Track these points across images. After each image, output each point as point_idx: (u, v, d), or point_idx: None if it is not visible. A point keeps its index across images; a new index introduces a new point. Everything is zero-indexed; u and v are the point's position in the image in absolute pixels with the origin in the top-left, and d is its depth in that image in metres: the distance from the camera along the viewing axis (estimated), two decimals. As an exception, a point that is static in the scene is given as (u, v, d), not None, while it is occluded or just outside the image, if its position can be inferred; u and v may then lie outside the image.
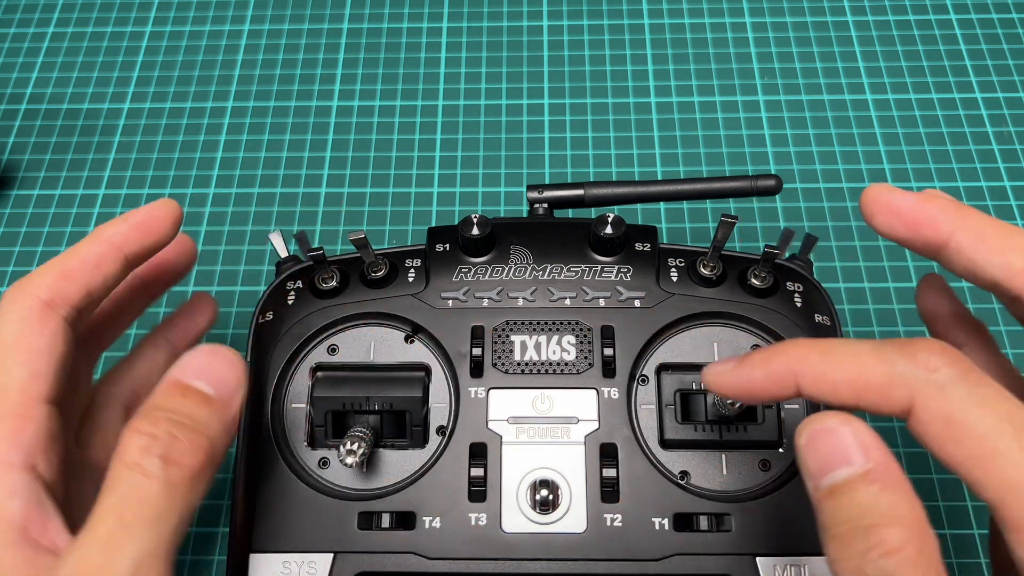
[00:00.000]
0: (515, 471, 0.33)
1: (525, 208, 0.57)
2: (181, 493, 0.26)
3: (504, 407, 0.34)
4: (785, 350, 0.28)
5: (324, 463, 0.34)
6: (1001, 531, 0.24)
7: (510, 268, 0.36)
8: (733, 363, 0.29)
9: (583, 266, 0.36)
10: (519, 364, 0.35)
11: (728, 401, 0.32)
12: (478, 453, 0.33)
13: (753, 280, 0.35)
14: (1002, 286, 0.29)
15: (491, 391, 0.34)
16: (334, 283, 0.36)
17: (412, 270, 0.36)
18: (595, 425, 0.34)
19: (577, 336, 0.35)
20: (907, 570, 0.22)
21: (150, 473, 0.26)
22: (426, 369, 0.35)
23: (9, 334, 0.30)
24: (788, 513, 0.32)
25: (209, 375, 0.29)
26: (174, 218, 0.34)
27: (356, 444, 0.32)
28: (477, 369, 0.35)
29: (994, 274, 0.29)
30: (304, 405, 0.34)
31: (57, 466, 0.30)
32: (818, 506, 0.25)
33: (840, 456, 0.24)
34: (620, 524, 0.32)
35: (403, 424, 0.34)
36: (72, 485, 0.32)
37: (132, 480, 0.26)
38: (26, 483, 0.28)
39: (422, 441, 0.34)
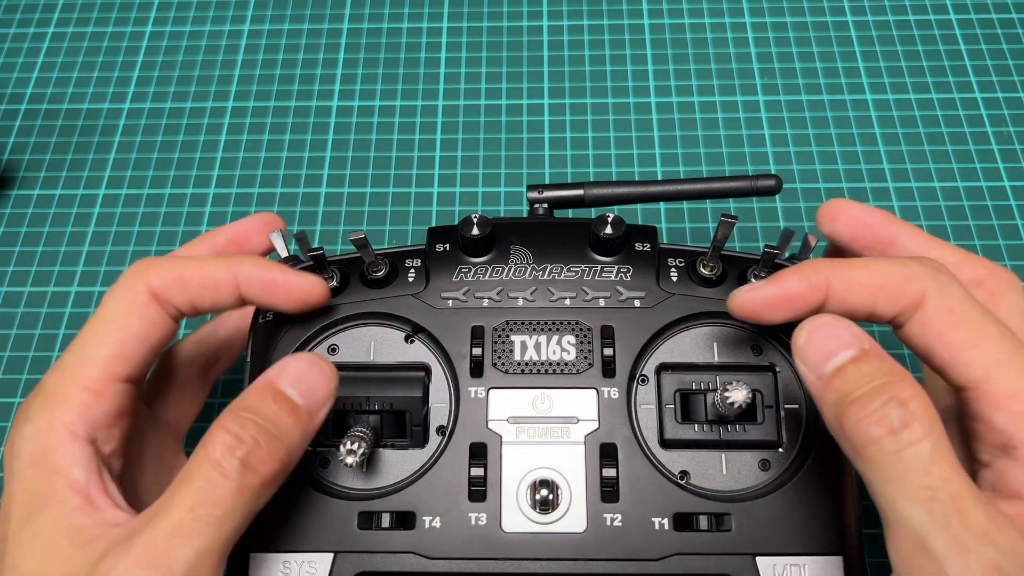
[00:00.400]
0: (515, 471, 0.33)
1: (525, 208, 0.57)
2: (251, 498, 0.28)
3: (504, 407, 0.34)
4: (815, 263, 0.31)
5: (324, 463, 0.34)
6: (977, 415, 0.29)
7: (510, 268, 0.36)
8: (763, 283, 0.31)
9: (583, 266, 0.36)
10: (519, 364, 0.35)
11: (728, 401, 0.32)
12: (478, 453, 0.33)
13: (753, 280, 0.35)
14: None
15: (491, 391, 0.34)
16: (334, 283, 0.36)
17: (412, 270, 0.36)
18: (595, 425, 0.34)
19: (577, 336, 0.35)
20: (922, 413, 0.26)
21: (228, 474, 0.27)
22: (426, 369, 0.35)
23: (112, 311, 0.31)
24: (788, 513, 0.32)
25: (302, 385, 0.30)
26: (318, 299, 0.34)
27: (356, 444, 0.32)
28: (477, 369, 0.35)
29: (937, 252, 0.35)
30: (304, 405, 0.34)
31: (119, 439, 0.31)
32: (824, 389, 0.28)
33: (840, 343, 0.28)
34: (620, 524, 0.32)
35: (403, 424, 0.34)
36: (136, 451, 0.34)
37: (211, 476, 0.27)
38: (87, 454, 0.29)
39: (422, 441, 0.34)
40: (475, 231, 0.36)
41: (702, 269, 0.36)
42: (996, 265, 0.35)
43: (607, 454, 0.33)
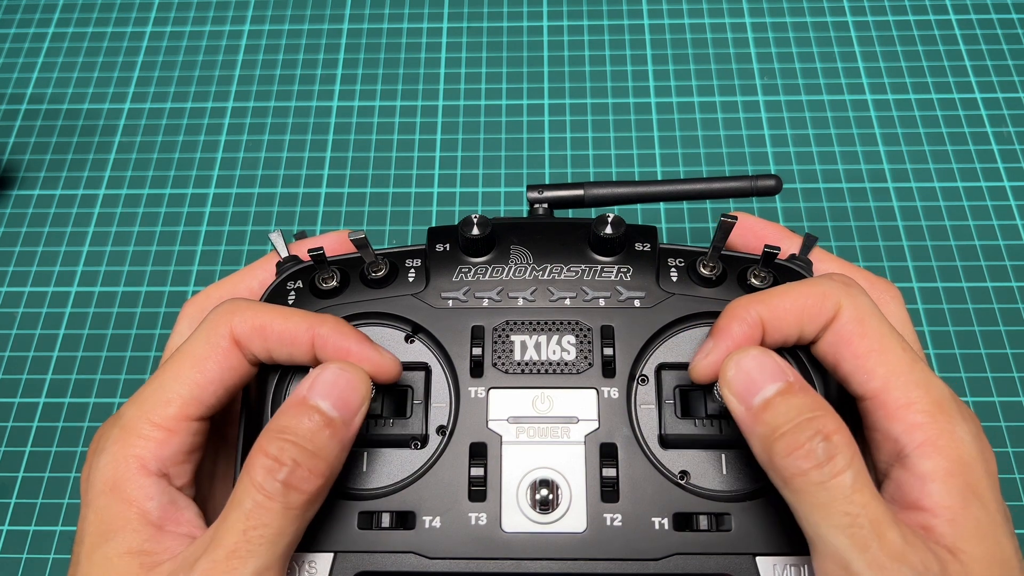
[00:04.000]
0: (515, 471, 0.33)
1: (525, 208, 0.57)
2: (298, 514, 0.29)
3: (504, 407, 0.34)
4: (743, 302, 0.32)
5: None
6: (874, 424, 0.30)
7: (510, 268, 0.36)
8: (709, 345, 0.32)
9: (583, 266, 0.36)
10: (519, 364, 0.35)
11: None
12: (478, 453, 0.33)
13: (753, 280, 0.35)
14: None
15: (491, 391, 0.34)
16: (334, 283, 0.36)
17: (412, 270, 0.36)
18: (595, 425, 0.34)
19: (577, 336, 0.35)
20: (844, 446, 0.27)
21: (272, 496, 0.28)
22: (426, 369, 0.35)
23: (194, 351, 0.32)
24: (788, 513, 0.32)
25: (334, 395, 0.30)
26: (389, 377, 0.33)
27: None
28: (477, 369, 0.34)
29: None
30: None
31: (192, 472, 0.32)
32: (753, 420, 0.29)
33: (766, 376, 0.29)
34: (620, 524, 0.32)
35: (404, 404, 0.34)
36: (209, 473, 0.35)
37: (257, 499, 0.28)
38: (160, 487, 0.31)
39: (422, 441, 0.34)
40: (475, 231, 0.36)
41: (702, 269, 0.36)
42: (877, 277, 0.37)
43: (607, 454, 0.33)
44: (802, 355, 0.34)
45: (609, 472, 0.33)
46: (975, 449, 0.28)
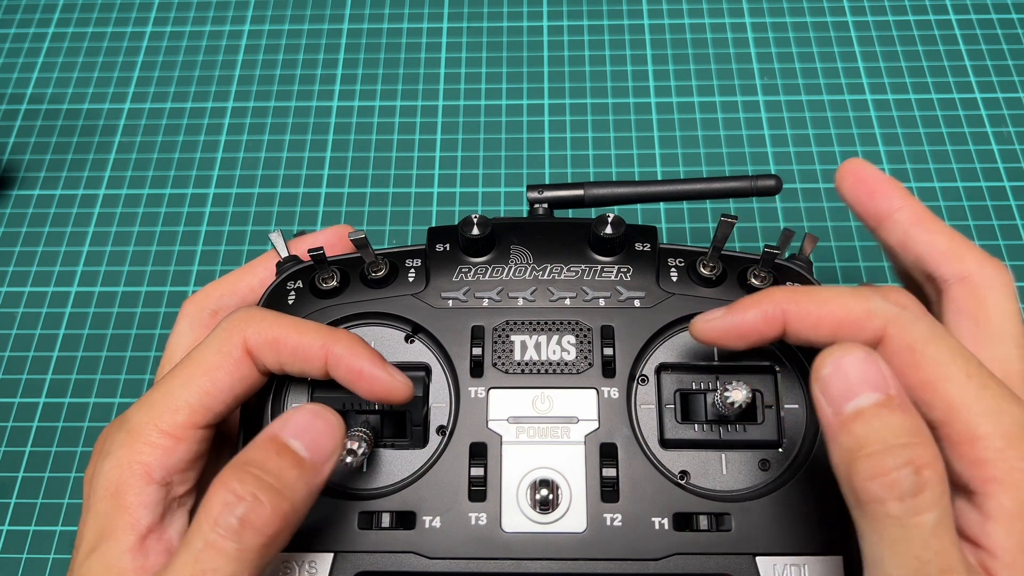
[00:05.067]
0: (515, 471, 0.33)
1: (525, 208, 0.57)
2: (252, 559, 0.27)
3: (504, 407, 0.34)
4: (774, 293, 0.31)
5: (324, 463, 0.34)
6: (941, 449, 0.27)
7: (510, 268, 0.36)
8: (722, 311, 0.31)
9: (583, 266, 0.36)
10: (519, 364, 0.35)
11: (728, 401, 0.32)
12: (478, 453, 0.33)
13: (753, 280, 0.35)
14: (923, 260, 0.34)
15: (491, 391, 0.34)
16: (334, 283, 0.36)
17: (412, 270, 0.36)
18: (595, 425, 0.34)
19: (577, 336, 0.35)
20: (936, 482, 0.25)
21: (226, 535, 0.26)
22: (426, 369, 0.35)
23: (206, 359, 0.31)
24: (788, 513, 0.32)
25: (307, 437, 0.29)
26: (401, 398, 0.32)
27: (356, 444, 0.32)
28: (477, 369, 0.34)
29: (920, 250, 0.34)
30: (304, 405, 0.34)
31: (195, 479, 0.32)
32: (840, 428, 0.26)
33: (866, 383, 0.26)
34: (620, 524, 0.32)
35: (403, 424, 0.34)
36: (208, 480, 0.34)
37: (210, 538, 0.26)
38: (159, 496, 0.30)
39: (422, 441, 0.34)
40: (475, 231, 0.35)
41: (702, 269, 0.36)
42: (987, 258, 0.34)
43: (607, 454, 0.33)
44: None
45: (609, 472, 0.33)
46: None
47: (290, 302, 0.36)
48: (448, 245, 0.37)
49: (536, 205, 0.40)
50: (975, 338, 0.33)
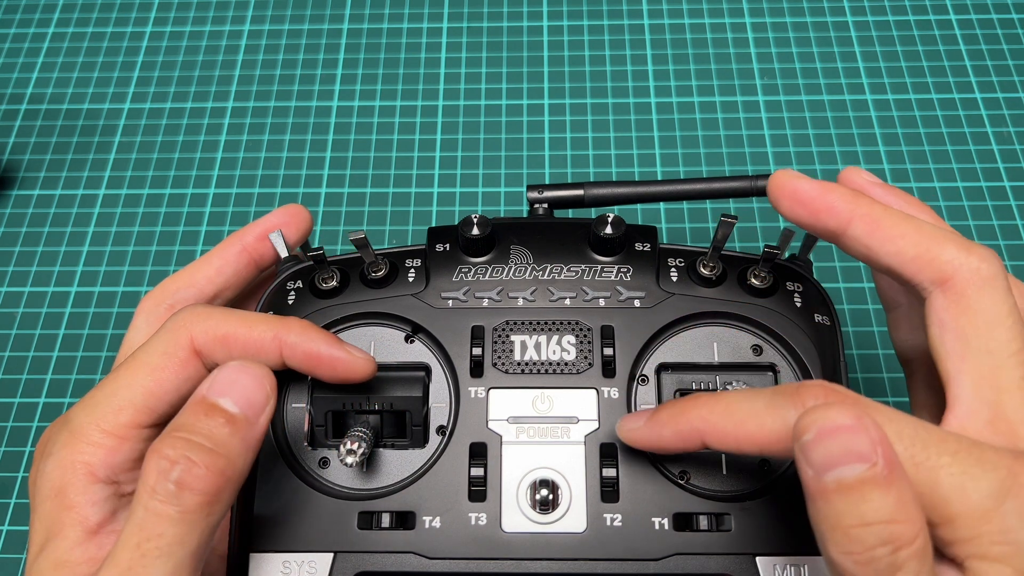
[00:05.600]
0: (515, 471, 0.33)
1: (525, 208, 0.57)
2: (197, 519, 0.26)
3: (504, 407, 0.34)
4: (689, 410, 0.29)
5: (324, 463, 0.34)
6: None
7: (510, 268, 0.36)
8: (644, 419, 0.30)
9: (583, 266, 0.36)
10: (519, 364, 0.35)
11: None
12: (478, 453, 0.33)
13: (753, 280, 0.35)
14: (895, 271, 0.31)
15: (491, 391, 0.34)
16: (334, 283, 0.36)
17: (412, 270, 0.36)
18: (595, 425, 0.34)
19: (577, 336, 0.35)
20: (915, 561, 0.23)
21: (165, 500, 0.26)
22: (426, 369, 0.35)
23: (150, 359, 0.31)
24: (788, 513, 0.32)
25: (235, 393, 0.29)
26: (362, 375, 0.32)
27: (356, 444, 0.32)
28: (477, 369, 0.34)
29: (887, 263, 0.30)
30: (304, 405, 0.34)
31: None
32: (818, 496, 0.25)
33: (852, 454, 0.24)
34: (620, 524, 0.32)
35: (403, 424, 0.34)
36: None
37: (150, 506, 0.26)
38: (106, 494, 0.30)
39: (422, 441, 0.34)
40: (475, 231, 0.36)
41: (702, 269, 0.36)
42: (967, 250, 0.30)
43: (607, 454, 0.33)
44: None
45: (609, 472, 0.33)
46: None
47: (290, 302, 0.36)
48: (448, 245, 0.37)
49: (536, 205, 0.40)
50: (961, 355, 0.29)
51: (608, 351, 0.34)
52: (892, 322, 0.37)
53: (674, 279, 0.36)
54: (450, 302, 0.35)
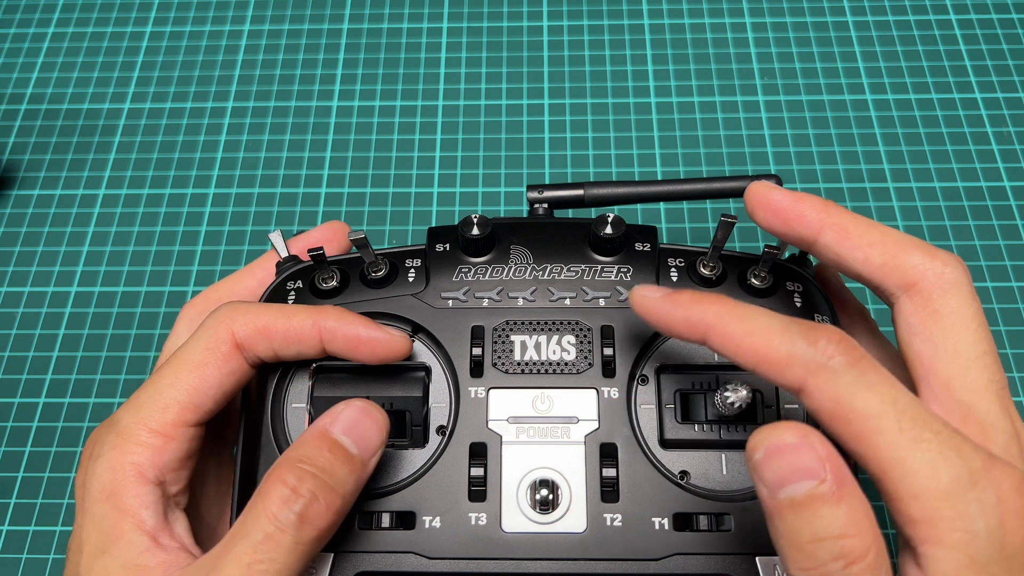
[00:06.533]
0: (515, 471, 0.33)
1: (525, 208, 0.57)
2: (306, 551, 0.28)
3: (504, 407, 0.34)
4: (708, 303, 0.29)
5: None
6: (884, 502, 0.26)
7: (510, 268, 0.36)
8: (661, 293, 0.30)
9: (583, 266, 0.36)
10: (519, 364, 0.35)
11: (728, 401, 0.32)
12: (478, 453, 0.33)
13: (753, 280, 0.35)
14: (864, 278, 0.31)
15: (491, 391, 0.34)
16: (334, 283, 0.36)
17: (412, 270, 0.36)
18: (595, 425, 0.34)
19: (577, 336, 0.35)
20: (866, 573, 0.24)
21: (285, 528, 0.27)
22: (426, 369, 0.35)
23: (193, 356, 0.32)
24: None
25: (356, 433, 0.30)
26: (401, 353, 0.33)
27: None
28: (477, 369, 0.35)
29: (857, 270, 0.31)
30: (304, 405, 0.34)
31: (187, 478, 0.32)
32: (774, 513, 0.25)
33: (801, 471, 0.25)
34: (620, 524, 0.32)
35: (403, 424, 0.34)
36: (200, 478, 0.35)
37: (268, 531, 0.27)
38: (156, 496, 0.30)
39: (422, 441, 0.34)
40: (475, 231, 0.36)
41: (702, 269, 0.36)
42: (932, 256, 0.30)
43: (607, 454, 0.33)
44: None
45: (609, 472, 0.33)
46: (991, 547, 0.25)
47: (290, 301, 0.36)
48: (448, 245, 0.37)
49: (536, 205, 0.40)
50: (929, 357, 0.30)
51: (608, 351, 0.34)
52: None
53: (674, 279, 0.36)
54: (450, 302, 0.35)
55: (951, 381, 0.29)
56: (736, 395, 0.32)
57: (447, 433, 0.34)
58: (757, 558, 0.32)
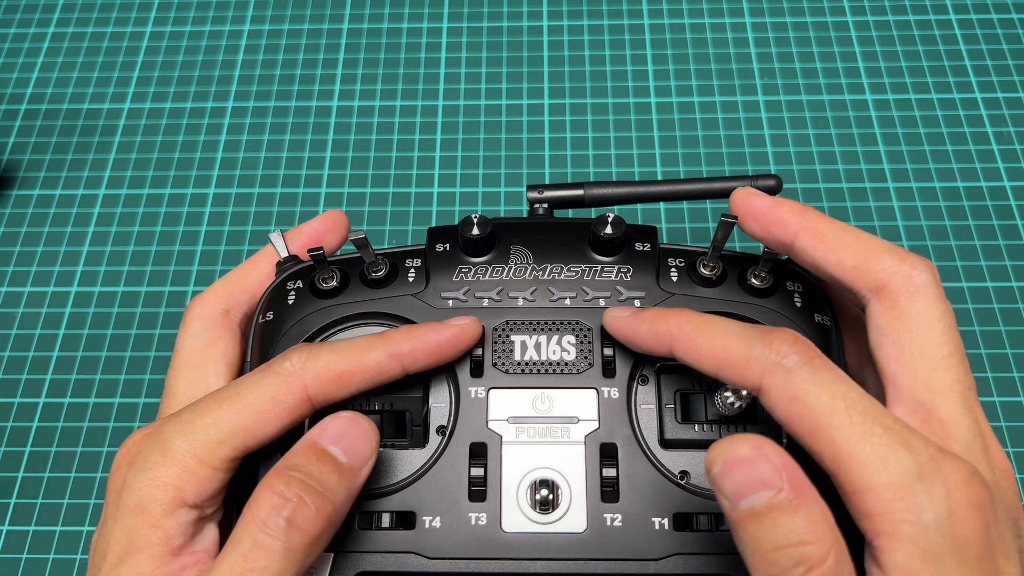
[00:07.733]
0: (515, 471, 0.33)
1: (525, 208, 0.57)
2: (298, 557, 0.28)
3: (504, 407, 0.34)
4: (670, 316, 0.31)
5: (324, 463, 0.34)
6: (842, 499, 0.27)
7: (510, 268, 0.36)
8: (630, 312, 0.33)
9: (583, 266, 0.36)
10: (519, 364, 0.35)
11: (728, 401, 0.32)
12: (478, 453, 0.33)
13: (753, 280, 0.35)
14: (838, 280, 0.33)
15: (491, 391, 0.34)
16: (334, 283, 0.36)
17: (412, 270, 0.36)
18: (595, 425, 0.33)
19: (577, 336, 0.35)
20: None
21: (274, 535, 0.27)
22: (426, 369, 0.35)
23: (257, 402, 0.31)
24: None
25: (345, 443, 0.30)
26: (476, 338, 0.34)
27: None
28: (477, 369, 0.34)
29: (830, 272, 0.33)
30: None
31: (223, 499, 0.32)
32: (736, 524, 0.26)
33: (757, 482, 0.26)
34: (620, 524, 0.32)
35: (403, 424, 0.34)
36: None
37: (257, 538, 0.27)
38: (191, 517, 0.30)
39: (422, 441, 0.34)
40: (475, 231, 0.35)
41: (702, 269, 0.36)
42: (902, 259, 0.31)
43: (607, 454, 0.33)
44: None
45: (609, 472, 0.33)
46: (941, 539, 0.25)
47: (290, 302, 0.36)
48: (448, 245, 0.37)
49: (536, 205, 0.40)
50: (895, 359, 0.31)
51: (608, 351, 0.34)
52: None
53: (674, 279, 0.36)
54: (450, 302, 0.35)
55: (916, 382, 0.30)
56: (736, 395, 0.32)
57: (447, 433, 0.34)
58: (757, 558, 0.32)
